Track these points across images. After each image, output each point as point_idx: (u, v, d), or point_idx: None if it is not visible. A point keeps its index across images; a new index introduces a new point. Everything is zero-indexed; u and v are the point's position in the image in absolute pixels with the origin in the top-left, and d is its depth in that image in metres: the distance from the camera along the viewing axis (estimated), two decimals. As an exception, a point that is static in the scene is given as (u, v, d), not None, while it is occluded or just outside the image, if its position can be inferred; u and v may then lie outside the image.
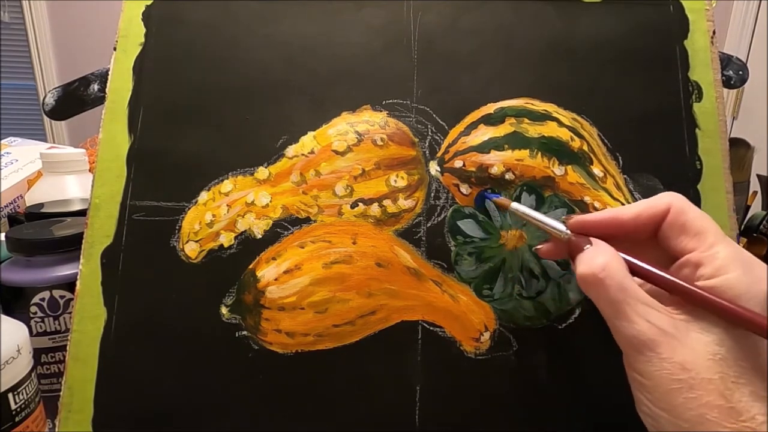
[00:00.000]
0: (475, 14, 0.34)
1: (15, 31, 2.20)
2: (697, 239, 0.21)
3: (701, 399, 0.19)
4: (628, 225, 0.23)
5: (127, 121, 0.32)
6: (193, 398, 0.29)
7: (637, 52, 0.33)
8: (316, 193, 0.31)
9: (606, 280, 0.21)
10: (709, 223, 0.22)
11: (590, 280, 0.22)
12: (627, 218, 0.23)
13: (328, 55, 0.33)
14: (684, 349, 0.19)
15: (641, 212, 0.23)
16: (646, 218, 0.23)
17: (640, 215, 0.23)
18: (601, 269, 0.21)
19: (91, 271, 0.30)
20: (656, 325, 0.20)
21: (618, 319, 0.21)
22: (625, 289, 0.21)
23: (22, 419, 0.27)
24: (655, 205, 0.23)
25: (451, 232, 0.30)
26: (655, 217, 0.23)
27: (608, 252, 0.22)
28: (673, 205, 0.23)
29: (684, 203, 0.23)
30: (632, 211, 0.23)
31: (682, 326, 0.20)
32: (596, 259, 0.22)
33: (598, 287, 0.22)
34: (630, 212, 0.23)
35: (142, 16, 0.34)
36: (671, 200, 0.23)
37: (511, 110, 0.32)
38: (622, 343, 0.21)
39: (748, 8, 1.89)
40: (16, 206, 0.59)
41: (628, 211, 0.24)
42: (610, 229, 0.24)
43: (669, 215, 0.23)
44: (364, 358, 0.29)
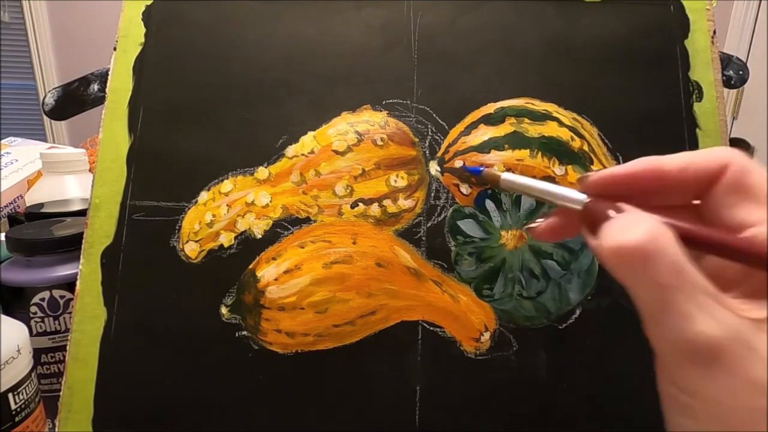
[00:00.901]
0: (475, 14, 0.34)
1: (15, 31, 2.20)
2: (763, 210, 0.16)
3: None
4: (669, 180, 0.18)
5: (127, 121, 0.32)
6: (193, 398, 0.29)
7: (637, 52, 0.33)
8: (316, 193, 0.31)
9: (654, 255, 0.15)
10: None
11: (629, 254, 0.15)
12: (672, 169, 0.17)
13: (328, 55, 0.33)
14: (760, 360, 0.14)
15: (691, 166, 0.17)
16: (693, 173, 0.17)
17: (687, 168, 0.17)
18: (647, 239, 0.15)
19: (91, 271, 0.30)
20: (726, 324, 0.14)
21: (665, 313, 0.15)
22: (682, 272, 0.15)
23: (22, 419, 0.27)
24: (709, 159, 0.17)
25: (451, 232, 0.30)
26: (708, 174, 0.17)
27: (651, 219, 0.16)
28: (733, 162, 0.17)
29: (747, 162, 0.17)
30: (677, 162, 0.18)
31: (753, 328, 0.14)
32: (637, 227, 0.15)
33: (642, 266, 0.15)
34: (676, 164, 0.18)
35: (142, 16, 0.34)
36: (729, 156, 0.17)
37: (511, 110, 0.32)
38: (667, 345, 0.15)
39: (748, 8, 1.89)
40: (16, 206, 0.59)
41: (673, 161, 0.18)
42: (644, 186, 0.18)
43: (726, 175, 0.17)
44: (364, 358, 0.29)
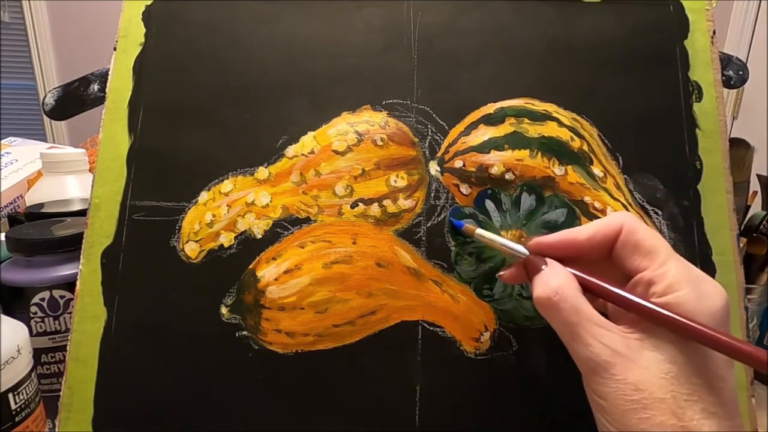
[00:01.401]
0: (475, 14, 0.34)
1: (15, 31, 2.20)
2: (649, 258, 0.22)
3: (654, 419, 0.19)
4: (583, 245, 0.24)
5: (127, 121, 0.32)
6: (193, 398, 0.29)
7: (637, 52, 0.33)
8: (316, 193, 0.31)
9: (560, 303, 0.22)
10: (659, 241, 0.22)
11: (545, 303, 0.22)
12: (582, 238, 0.24)
13: (328, 55, 0.33)
14: (637, 369, 0.20)
15: (596, 232, 0.24)
16: (600, 238, 0.23)
17: (595, 235, 0.24)
18: (554, 292, 0.22)
19: (91, 271, 0.30)
20: (610, 346, 0.20)
21: (573, 342, 0.21)
22: (579, 312, 0.21)
23: (22, 419, 0.27)
24: (609, 225, 0.23)
25: (451, 232, 0.30)
26: (609, 236, 0.23)
27: (562, 274, 0.23)
28: (625, 224, 0.23)
29: (635, 223, 0.23)
30: (587, 231, 0.24)
31: (636, 345, 0.20)
32: (550, 282, 0.22)
33: (553, 310, 0.22)
34: (585, 233, 0.24)
35: (142, 16, 0.34)
36: (623, 220, 0.23)
37: (511, 110, 0.32)
38: (580, 364, 0.22)
39: (748, 8, 1.89)
40: (16, 206, 0.59)
41: (583, 231, 0.24)
42: (566, 249, 0.24)
43: (621, 235, 0.23)
44: (364, 358, 0.29)
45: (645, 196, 0.31)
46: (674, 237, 0.31)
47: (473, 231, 0.28)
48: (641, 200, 0.31)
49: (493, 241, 0.27)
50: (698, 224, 0.31)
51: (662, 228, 0.31)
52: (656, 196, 0.31)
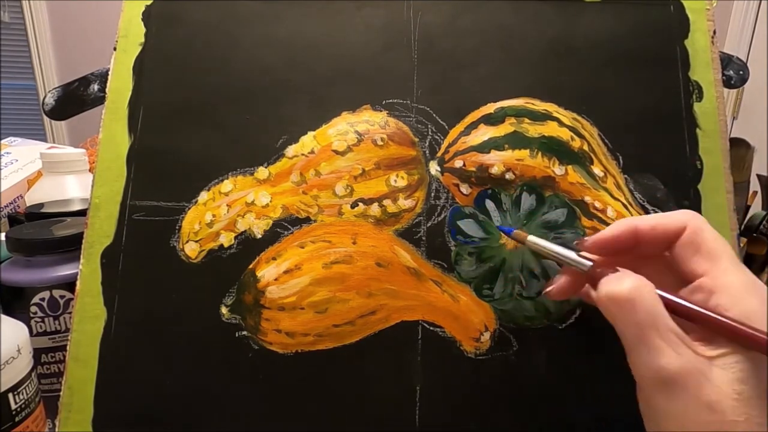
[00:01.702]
0: (475, 14, 0.34)
1: (15, 31, 2.20)
2: (711, 262, 0.21)
3: None
4: (645, 235, 0.23)
5: (127, 121, 0.32)
6: (193, 398, 0.29)
7: (637, 52, 0.33)
8: (316, 193, 0.31)
9: (636, 300, 0.20)
10: (724, 246, 0.21)
11: (619, 300, 0.21)
12: (645, 229, 0.23)
13: (328, 54, 0.33)
14: (711, 387, 0.18)
15: (659, 225, 0.23)
16: (661, 231, 0.22)
17: (656, 227, 0.23)
18: (631, 289, 0.20)
19: (91, 271, 0.30)
20: (687, 358, 0.19)
21: (643, 346, 0.20)
22: (656, 314, 0.20)
23: (22, 419, 0.27)
24: (672, 220, 0.22)
25: (451, 232, 0.30)
26: (670, 231, 0.22)
27: (638, 276, 0.21)
28: (690, 223, 0.22)
29: (701, 223, 0.22)
30: (650, 221, 0.23)
31: (706, 363, 0.19)
32: (625, 280, 0.21)
33: (627, 308, 0.20)
34: (648, 223, 0.23)
35: (142, 15, 0.34)
36: (689, 218, 0.22)
37: (511, 110, 0.32)
38: (643, 373, 0.20)
39: (748, 8, 1.89)
40: (16, 206, 0.59)
41: (646, 221, 0.23)
42: (627, 239, 0.23)
43: (685, 233, 0.22)
44: (364, 358, 0.29)
45: (645, 196, 0.31)
46: (674, 237, 0.31)
47: (525, 237, 0.27)
48: (641, 200, 0.31)
49: (549, 250, 0.25)
50: (698, 224, 0.31)
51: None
52: (656, 196, 0.31)
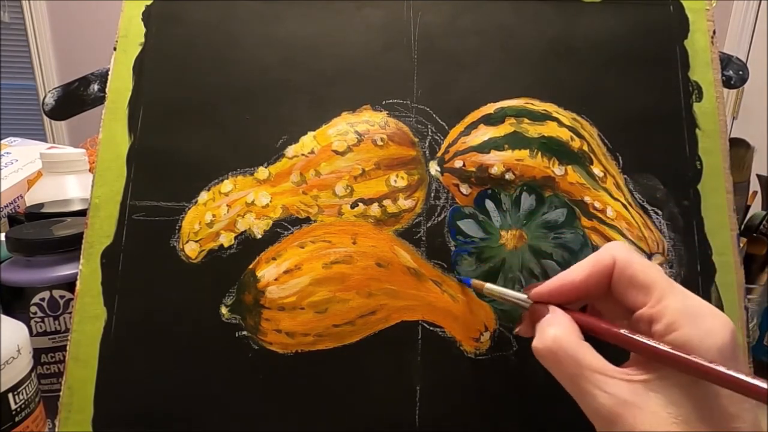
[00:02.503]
0: (475, 14, 0.34)
1: (15, 31, 2.20)
2: (645, 292, 0.21)
3: None
4: (581, 287, 0.23)
5: (127, 121, 0.32)
6: (193, 398, 0.29)
7: (637, 52, 0.33)
8: (316, 193, 0.31)
9: (558, 354, 0.21)
10: (655, 274, 0.21)
11: (543, 354, 0.22)
12: (579, 280, 0.23)
13: (328, 54, 0.33)
14: (646, 416, 0.19)
15: (590, 272, 0.23)
16: (597, 276, 0.22)
17: (590, 275, 0.23)
18: (552, 342, 0.21)
19: (91, 271, 0.30)
20: (615, 394, 0.19)
21: (578, 395, 0.21)
22: (578, 361, 0.20)
23: (22, 419, 0.27)
24: (601, 261, 0.22)
25: (451, 232, 0.30)
26: (604, 272, 0.22)
27: (560, 321, 0.22)
28: (617, 258, 0.22)
29: (628, 255, 0.22)
30: (581, 271, 0.23)
31: (641, 390, 0.19)
32: (547, 332, 0.22)
33: (551, 361, 0.21)
34: (580, 274, 0.23)
35: (142, 15, 0.34)
36: (614, 253, 0.22)
37: (511, 110, 0.32)
38: (589, 417, 0.21)
39: (748, 8, 1.89)
40: (16, 206, 0.59)
41: (578, 273, 0.23)
42: (566, 294, 0.23)
43: (615, 269, 0.22)
44: (364, 358, 0.29)
45: (645, 196, 0.31)
46: (674, 237, 0.31)
47: (482, 287, 0.27)
48: (641, 200, 0.31)
49: (501, 294, 0.26)
50: (698, 224, 0.31)
51: (662, 228, 0.31)
52: (656, 196, 0.31)
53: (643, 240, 0.31)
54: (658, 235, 0.31)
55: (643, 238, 0.31)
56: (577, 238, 0.30)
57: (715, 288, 0.30)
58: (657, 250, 0.30)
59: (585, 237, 0.30)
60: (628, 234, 0.30)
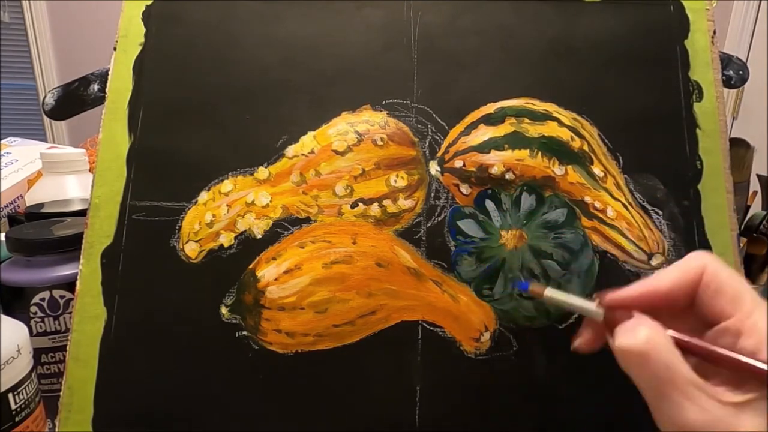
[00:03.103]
0: (475, 14, 0.34)
1: (15, 31, 2.20)
2: (734, 304, 0.20)
3: None
4: (667, 295, 0.22)
5: (127, 121, 0.32)
6: (193, 398, 0.29)
7: (637, 52, 0.33)
8: (316, 193, 0.31)
9: (651, 355, 0.19)
10: (744, 286, 0.20)
11: (632, 354, 0.20)
12: (665, 288, 0.22)
13: (328, 54, 0.33)
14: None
15: (678, 280, 0.22)
16: (684, 286, 0.21)
17: (678, 283, 0.22)
18: (645, 342, 0.19)
19: (91, 271, 0.30)
20: (709, 411, 0.18)
21: (663, 402, 0.19)
22: (673, 368, 0.19)
23: (22, 419, 0.27)
24: (689, 270, 0.21)
25: (451, 232, 0.30)
26: (692, 281, 0.21)
27: (652, 324, 0.20)
28: (707, 266, 0.21)
29: (717, 264, 0.21)
30: (669, 279, 0.22)
31: (733, 411, 0.18)
32: (638, 332, 0.20)
33: (642, 363, 0.19)
34: (667, 282, 0.22)
35: (142, 15, 0.34)
36: (705, 262, 0.21)
37: (511, 110, 0.32)
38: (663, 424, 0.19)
39: (748, 8, 1.89)
40: (16, 206, 0.59)
41: (664, 280, 0.22)
42: (649, 301, 0.22)
43: (703, 278, 0.21)
44: (364, 358, 0.29)
45: (645, 196, 0.31)
46: (674, 237, 0.31)
47: (542, 292, 0.25)
48: (641, 200, 0.31)
49: (565, 303, 0.25)
50: (698, 224, 0.31)
51: (662, 228, 0.31)
52: (656, 196, 0.31)
53: (644, 240, 0.31)
54: (659, 235, 0.31)
55: (643, 238, 0.31)
56: (578, 238, 0.30)
57: (716, 288, 0.30)
58: (657, 250, 0.30)
59: (585, 237, 0.30)
60: (628, 234, 0.30)
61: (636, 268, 0.30)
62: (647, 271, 0.30)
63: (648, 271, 0.30)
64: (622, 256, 0.30)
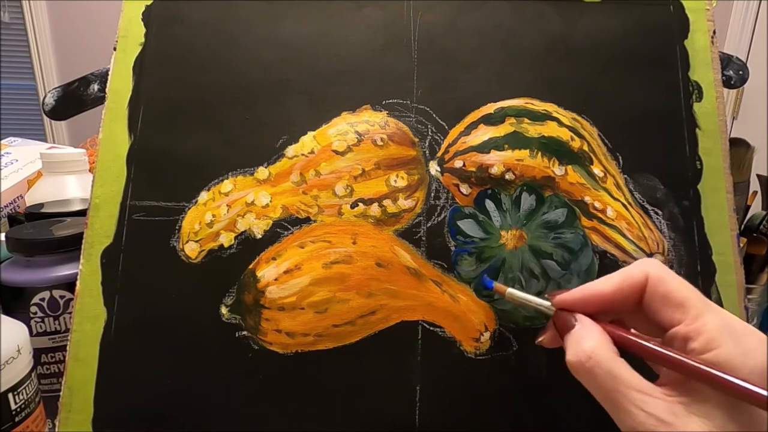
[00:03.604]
0: (475, 14, 0.34)
1: (15, 31, 2.20)
2: (681, 310, 0.20)
3: None
4: (610, 298, 0.22)
5: (127, 121, 0.32)
6: (192, 398, 0.29)
7: (637, 52, 0.33)
8: (316, 193, 0.31)
9: (594, 369, 0.20)
10: (690, 291, 0.21)
11: (578, 368, 0.21)
12: (608, 292, 0.22)
13: (328, 54, 0.33)
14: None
15: (621, 284, 0.22)
16: (627, 290, 0.22)
17: (620, 288, 0.22)
18: (587, 357, 0.20)
19: (91, 271, 0.30)
20: (654, 414, 0.19)
21: (614, 410, 0.20)
22: (616, 377, 0.20)
23: (22, 419, 0.27)
24: (632, 275, 0.22)
25: (451, 232, 0.30)
26: (635, 287, 0.22)
27: (594, 333, 0.21)
28: (650, 274, 0.21)
29: (661, 271, 0.21)
30: (612, 283, 0.22)
31: (681, 411, 0.19)
32: (582, 344, 0.21)
33: (587, 376, 0.20)
34: (610, 285, 0.22)
35: (142, 16, 0.34)
36: (647, 269, 0.22)
37: (511, 110, 0.32)
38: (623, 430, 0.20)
39: (748, 8, 1.89)
40: (16, 206, 0.59)
41: (607, 284, 0.22)
42: (592, 304, 0.23)
43: (648, 285, 0.21)
44: (364, 358, 0.29)
45: (645, 196, 0.31)
46: (674, 237, 0.31)
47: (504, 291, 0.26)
48: (641, 200, 0.31)
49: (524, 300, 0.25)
50: (698, 224, 0.31)
51: (662, 228, 0.31)
52: (656, 196, 0.31)
53: (643, 240, 0.31)
54: (658, 235, 0.31)
55: (643, 238, 0.31)
56: (577, 238, 0.30)
57: (715, 288, 0.30)
58: (657, 250, 0.30)
59: (585, 237, 0.30)
60: (628, 234, 0.30)
61: (636, 268, 0.30)
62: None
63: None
64: (622, 256, 0.30)
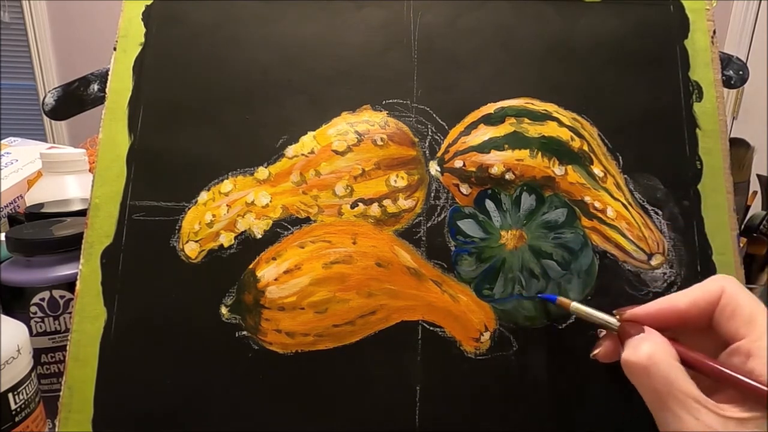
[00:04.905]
0: (475, 14, 0.34)
1: (15, 31, 2.20)
2: (748, 326, 0.21)
3: None
4: (685, 314, 0.23)
5: (127, 121, 0.32)
6: (192, 398, 0.29)
7: (637, 52, 0.33)
8: (316, 193, 0.31)
9: (651, 369, 0.21)
10: (760, 309, 0.21)
11: (634, 367, 0.21)
12: (683, 306, 0.23)
13: (328, 54, 0.33)
14: None
15: (697, 299, 0.22)
16: (703, 305, 0.22)
17: (697, 303, 0.22)
18: (647, 357, 0.21)
19: (91, 271, 0.30)
20: (707, 423, 0.19)
21: (662, 413, 0.20)
22: (672, 382, 0.20)
23: (22, 419, 0.27)
24: (709, 290, 0.22)
25: (451, 232, 0.30)
26: (711, 302, 0.22)
27: (656, 340, 0.22)
28: (726, 288, 0.22)
29: (736, 287, 0.22)
30: (688, 298, 0.23)
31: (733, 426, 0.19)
32: (642, 347, 0.21)
33: (643, 376, 0.21)
34: (686, 300, 0.23)
35: (142, 16, 0.34)
36: (723, 284, 0.22)
37: (511, 110, 0.32)
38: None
39: (748, 8, 1.89)
40: (16, 206, 0.59)
41: (683, 298, 0.23)
42: (666, 319, 0.23)
43: (722, 299, 0.22)
44: (364, 358, 0.29)
45: (645, 196, 0.31)
46: (674, 237, 0.31)
47: (569, 305, 0.27)
48: (641, 200, 0.31)
49: (589, 315, 0.26)
50: (698, 224, 0.31)
51: (662, 228, 0.31)
52: (656, 196, 0.31)
53: (643, 240, 0.31)
54: (659, 235, 0.31)
55: (643, 238, 0.31)
56: (578, 238, 0.30)
57: (715, 288, 0.30)
58: (657, 250, 0.30)
59: (585, 237, 0.30)
60: (628, 234, 0.30)
61: (636, 268, 0.30)
62: (647, 271, 0.30)
63: (648, 271, 0.30)
64: (622, 256, 0.30)
